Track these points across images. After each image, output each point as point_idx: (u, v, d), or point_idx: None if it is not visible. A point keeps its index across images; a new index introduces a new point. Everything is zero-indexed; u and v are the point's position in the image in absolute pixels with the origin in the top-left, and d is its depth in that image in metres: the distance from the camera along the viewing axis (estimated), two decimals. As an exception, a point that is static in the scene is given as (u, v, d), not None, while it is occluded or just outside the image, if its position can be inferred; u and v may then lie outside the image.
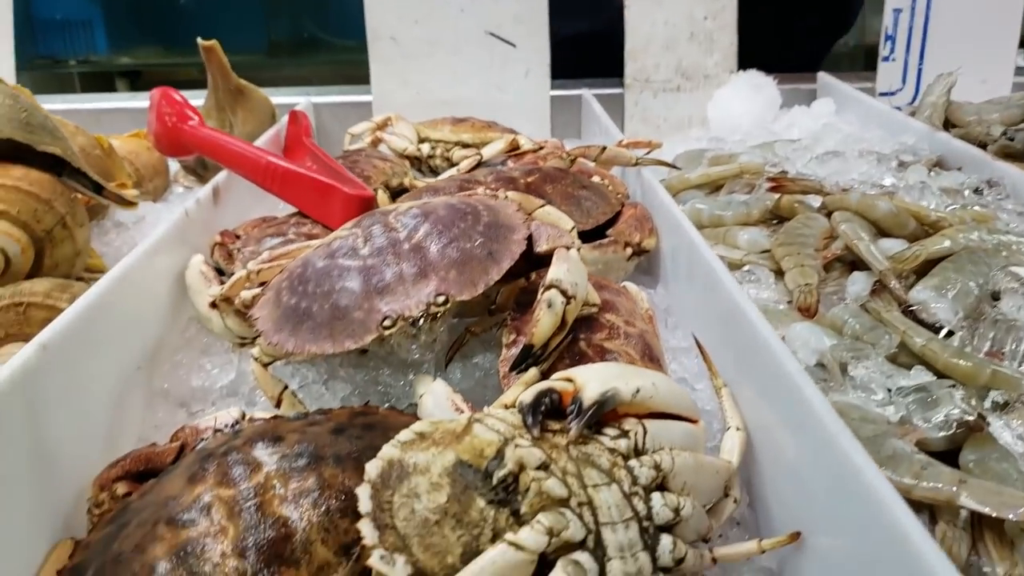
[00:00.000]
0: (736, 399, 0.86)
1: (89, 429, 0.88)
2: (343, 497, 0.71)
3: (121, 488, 0.83)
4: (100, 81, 3.95)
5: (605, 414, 0.71)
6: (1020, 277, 0.95)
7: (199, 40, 1.61)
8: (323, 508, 0.70)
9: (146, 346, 1.02)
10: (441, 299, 0.85)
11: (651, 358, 0.92)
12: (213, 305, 1.05)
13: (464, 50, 2.01)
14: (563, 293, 0.83)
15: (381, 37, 2.00)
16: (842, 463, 0.63)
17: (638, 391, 0.72)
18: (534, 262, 0.95)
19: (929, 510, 0.73)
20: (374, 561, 0.60)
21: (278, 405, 0.95)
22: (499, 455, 0.64)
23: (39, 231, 1.08)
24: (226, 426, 0.86)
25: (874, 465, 0.60)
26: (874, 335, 0.97)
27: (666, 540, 0.64)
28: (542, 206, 0.99)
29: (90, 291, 0.89)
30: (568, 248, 0.88)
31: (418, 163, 1.68)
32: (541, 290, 0.84)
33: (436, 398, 0.84)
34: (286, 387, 0.95)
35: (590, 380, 0.72)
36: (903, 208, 1.16)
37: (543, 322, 0.81)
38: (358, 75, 2.14)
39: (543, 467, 0.64)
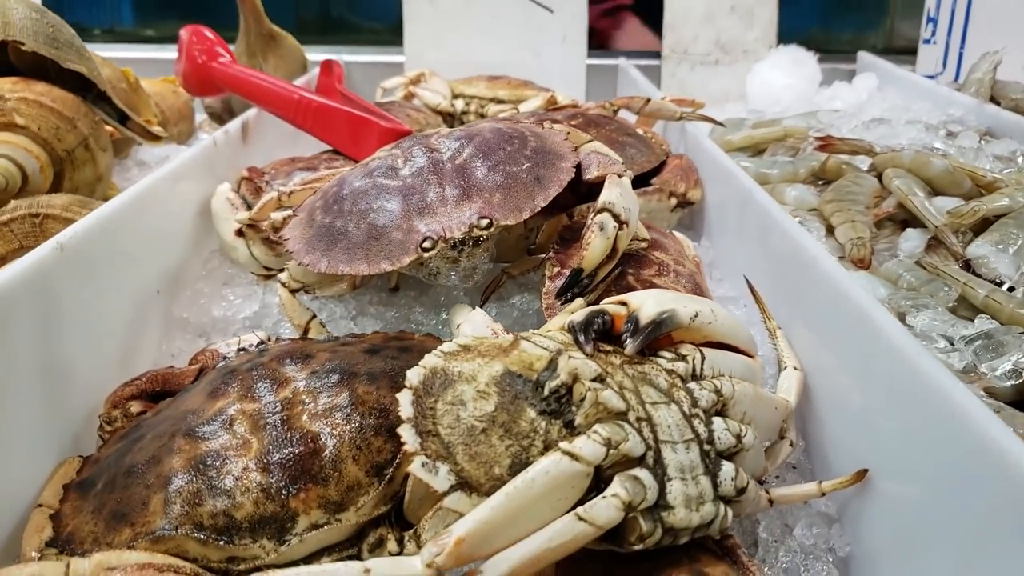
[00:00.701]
0: (790, 342, 0.81)
1: (103, 346, 0.83)
2: (377, 415, 0.66)
3: (135, 407, 0.78)
4: (124, 51, 3.93)
5: (660, 339, 0.66)
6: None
7: (233, -22, 1.57)
8: (355, 424, 0.65)
9: (167, 271, 0.98)
10: (484, 222, 0.80)
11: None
12: (239, 233, 1.01)
13: (501, 13, 1.96)
14: (615, 217, 0.78)
15: (416, -4, 1.95)
16: (924, 385, 0.57)
17: (696, 315, 0.67)
18: (580, 196, 0.91)
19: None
20: (415, 468, 0.55)
21: (304, 335, 0.90)
22: (551, 365, 0.60)
23: (60, 150, 1.03)
24: (251, 346, 0.82)
25: (963, 386, 0.55)
26: (931, 288, 0.92)
27: (728, 467, 0.59)
28: (590, 141, 0.94)
29: (113, 200, 0.85)
30: (620, 175, 0.83)
31: (451, 119, 1.63)
32: (592, 214, 0.79)
33: (475, 326, 0.79)
34: (314, 316, 0.90)
35: (646, 301, 0.67)
36: (958, 167, 1.11)
37: (595, 245, 0.76)
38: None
39: (599, 379, 0.59)
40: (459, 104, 1.63)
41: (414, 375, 0.60)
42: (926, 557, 0.58)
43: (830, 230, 1.09)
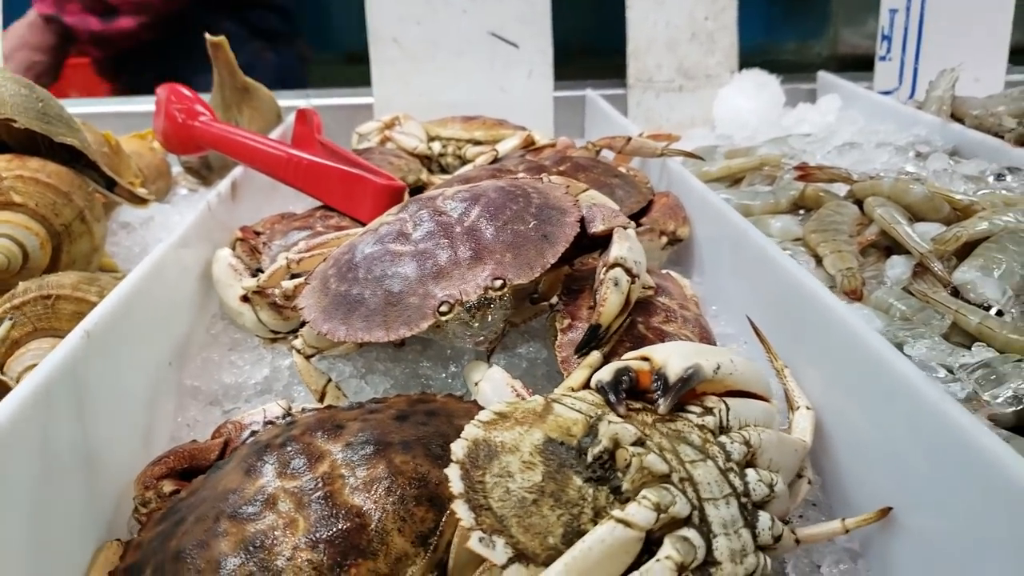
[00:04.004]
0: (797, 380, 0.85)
1: (126, 426, 0.84)
2: (417, 484, 0.68)
3: (167, 486, 0.78)
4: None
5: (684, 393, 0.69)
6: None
7: (207, 36, 1.57)
8: (397, 496, 0.67)
9: (175, 341, 0.98)
10: (498, 283, 0.82)
11: (708, 341, 0.90)
12: (245, 299, 1.01)
13: (467, 51, 1.99)
14: (627, 271, 0.80)
15: (383, 38, 1.97)
16: (945, 426, 0.61)
17: (719, 367, 0.70)
18: (582, 247, 0.93)
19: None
20: (473, 544, 0.56)
21: (321, 399, 0.91)
22: (591, 431, 0.62)
23: (57, 225, 1.03)
24: (276, 418, 0.83)
25: (984, 427, 0.58)
26: (923, 316, 0.96)
27: (764, 517, 0.62)
28: (586, 190, 0.97)
29: (127, 280, 0.85)
30: (625, 228, 0.86)
31: (428, 162, 1.65)
32: (604, 269, 0.81)
33: (494, 384, 0.81)
34: (329, 380, 0.91)
35: (671, 356, 0.70)
36: (936, 192, 1.16)
37: (611, 300, 0.78)
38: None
39: (639, 443, 0.61)
40: (436, 147, 1.65)
41: (459, 449, 0.62)
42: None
43: (817, 260, 1.13)
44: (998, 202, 1.13)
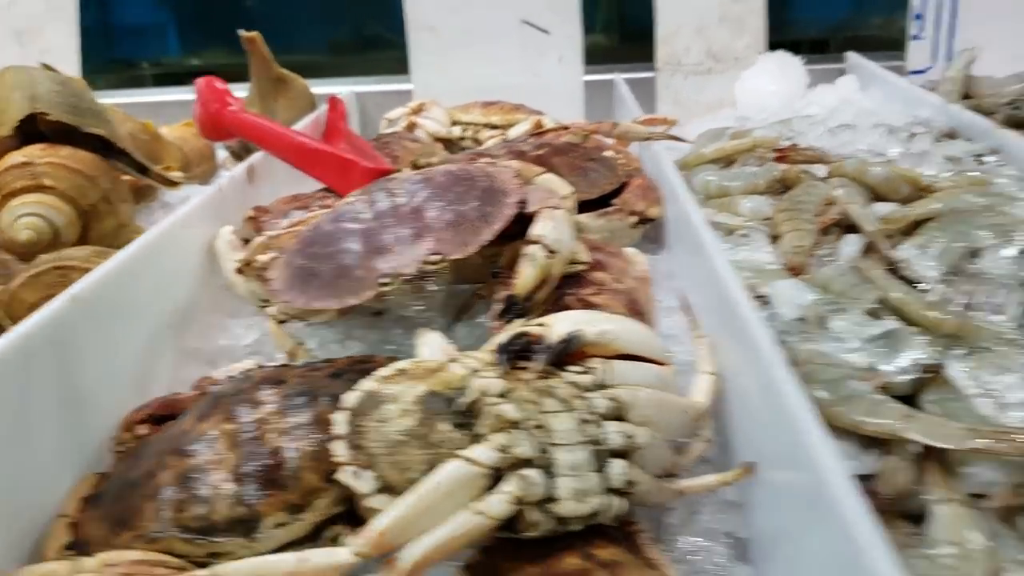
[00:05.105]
0: (715, 350, 0.91)
1: (119, 380, 0.96)
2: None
3: (143, 429, 0.92)
4: (171, 81, 4.14)
5: (574, 354, 0.77)
6: (1005, 232, 0.96)
7: (240, 32, 1.72)
8: (314, 439, 0.77)
9: (177, 308, 1.11)
10: (435, 257, 0.91)
11: (636, 312, 0.96)
12: (239, 271, 1.14)
13: (500, 39, 2.08)
14: (545, 248, 0.88)
15: (420, 27, 2.08)
16: (778, 397, 0.67)
17: (604, 332, 0.78)
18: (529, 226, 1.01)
19: (883, 444, 0.76)
20: (344, 476, 0.67)
21: (292, 359, 1.03)
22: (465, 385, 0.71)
23: (84, 205, 1.18)
24: (241, 373, 0.95)
25: (802, 397, 0.64)
26: (858, 291, 1.00)
27: (618, 464, 0.69)
28: (541, 173, 1.05)
29: (121, 252, 0.99)
30: (555, 208, 0.93)
31: (450, 145, 1.75)
32: (524, 244, 0.89)
33: (431, 348, 0.90)
34: (301, 343, 1.03)
35: (559, 322, 0.78)
36: (896, 173, 1.18)
37: (524, 274, 0.87)
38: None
39: (502, 395, 0.69)
40: (456, 130, 1.75)
41: (350, 398, 0.72)
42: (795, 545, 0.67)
43: (776, 238, 1.17)
44: (963, 183, 1.14)
